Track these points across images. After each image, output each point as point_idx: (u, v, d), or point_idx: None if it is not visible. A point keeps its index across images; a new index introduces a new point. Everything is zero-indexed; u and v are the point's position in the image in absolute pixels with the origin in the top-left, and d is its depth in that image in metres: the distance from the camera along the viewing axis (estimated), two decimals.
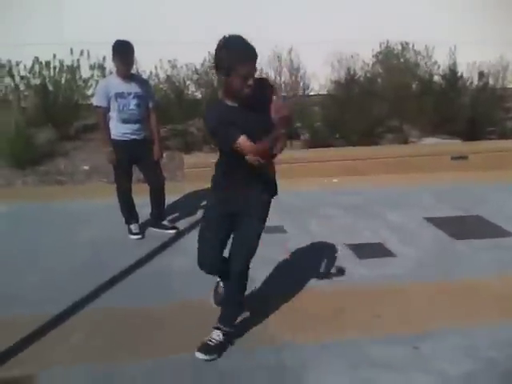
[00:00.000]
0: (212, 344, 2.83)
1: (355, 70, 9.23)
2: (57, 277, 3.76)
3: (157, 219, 4.65)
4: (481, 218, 5.10)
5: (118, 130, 4.28)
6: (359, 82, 8.87)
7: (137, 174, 4.74)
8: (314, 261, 4.05)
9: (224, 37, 2.42)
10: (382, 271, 3.91)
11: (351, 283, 3.71)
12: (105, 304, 3.37)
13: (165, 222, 4.67)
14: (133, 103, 4.26)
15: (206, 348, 2.81)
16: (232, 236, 2.85)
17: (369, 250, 4.29)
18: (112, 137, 4.31)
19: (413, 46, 10.08)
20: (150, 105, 4.43)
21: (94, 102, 4.35)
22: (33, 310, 3.25)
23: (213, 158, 2.92)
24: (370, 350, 2.89)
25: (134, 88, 4.28)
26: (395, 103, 8.29)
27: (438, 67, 9.61)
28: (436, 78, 9.27)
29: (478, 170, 6.61)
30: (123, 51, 4.18)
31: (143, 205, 4.63)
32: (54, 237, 4.51)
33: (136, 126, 4.31)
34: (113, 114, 4.28)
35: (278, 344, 2.95)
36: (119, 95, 4.22)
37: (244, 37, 2.46)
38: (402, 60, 10.14)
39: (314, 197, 5.63)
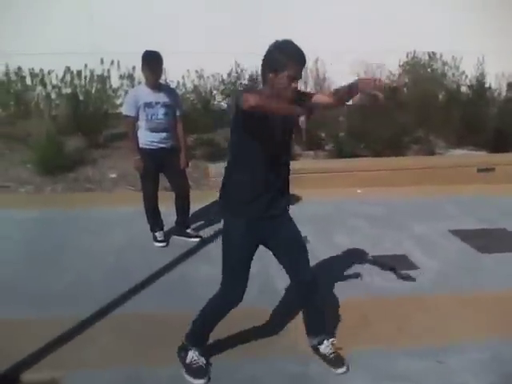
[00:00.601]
0: (337, 353, 2.85)
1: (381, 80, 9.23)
2: (84, 281, 3.86)
3: (181, 227, 4.73)
4: (506, 232, 5.04)
5: (146, 138, 4.38)
6: (385, 92, 8.87)
7: (163, 182, 4.82)
8: (336, 271, 4.06)
9: (277, 40, 2.51)
10: (405, 283, 3.90)
11: (375, 294, 3.71)
12: (131, 309, 3.45)
13: (189, 230, 4.75)
14: (161, 112, 4.36)
15: (338, 361, 2.83)
16: (278, 246, 2.75)
17: (392, 262, 4.27)
18: (140, 145, 4.41)
19: (440, 56, 10.03)
20: (178, 114, 4.52)
21: (124, 111, 4.46)
22: (60, 313, 3.34)
23: None
24: (392, 362, 2.89)
25: (162, 98, 4.38)
26: (421, 113, 8.27)
27: (466, 77, 9.54)
28: (463, 88, 9.22)
29: (504, 183, 6.54)
30: (152, 61, 4.29)
31: (168, 213, 4.71)
32: (81, 242, 4.62)
33: (163, 135, 4.40)
34: (141, 123, 4.38)
35: (301, 353, 2.96)
36: (148, 105, 4.32)
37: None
38: (429, 70, 10.10)
39: (337, 207, 5.64)
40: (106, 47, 8.42)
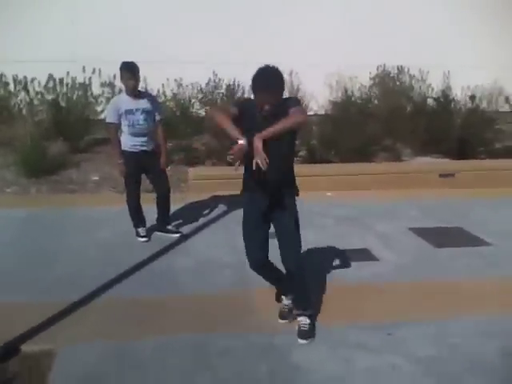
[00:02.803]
0: (306, 328, 3.28)
1: (353, 91, 9.75)
2: (72, 272, 4.18)
3: (162, 224, 5.07)
4: (461, 230, 5.51)
5: (129, 142, 4.72)
6: (356, 103, 9.38)
7: (145, 185, 5.16)
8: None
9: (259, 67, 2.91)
10: (365, 272, 4.32)
11: (337, 281, 4.11)
12: (117, 294, 3.81)
13: (169, 227, 5.09)
14: (141, 118, 4.69)
15: (303, 334, 3.26)
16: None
17: (355, 255, 4.69)
18: (123, 148, 4.75)
19: (408, 70, 10.60)
20: (157, 118, 4.86)
21: (107, 118, 4.79)
22: (51, 299, 3.67)
23: (214, 171, 3.30)
24: (348, 335, 3.31)
25: (142, 104, 4.72)
26: (389, 123, 8.78)
27: (432, 90, 10.11)
28: (429, 100, 9.78)
29: (464, 187, 7.02)
30: (129, 71, 4.61)
31: (150, 212, 5.05)
32: (68, 238, 4.93)
33: (144, 139, 4.75)
34: (124, 129, 4.72)
35: (270, 329, 3.36)
36: (129, 112, 4.65)
37: (269, 67, 2.91)
38: (397, 83, 10.65)
39: (307, 208, 5.99)
40: (87, 56, 8.74)
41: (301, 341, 3.24)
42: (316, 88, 9.37)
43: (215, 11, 9.72)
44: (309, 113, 9.37)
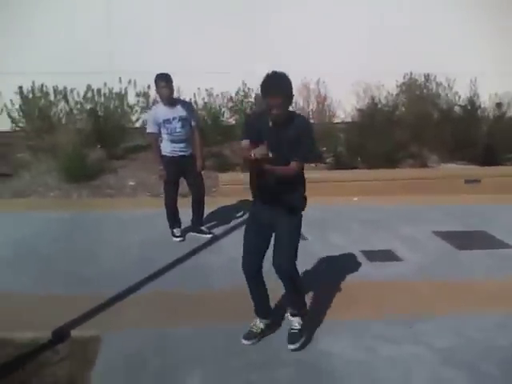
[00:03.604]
0: (296, 331, 3.35)
1: (380, 99, 9.93)
2: (113, 268, 4.51)
3: (196, 225, 5.37)
4: (485, 233, 5.64)
5: (168, 148, 5.06)
6: (382, 111, 9.55)
7: (181, 189, 5.46)
8: (329, 262, 4.70)
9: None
10: (389, 271, 4.52)
11: (362, 280, 4.34)
12: (155, 287, 4.14)
13: (203, 228, 5.39)
14: (178, 126, 5.01)
15: (293, 337, 3.31)
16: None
17: (379, 256, 4.90)
18: (163, 153, 5.09)
19: (435, 77, 10.73)
20: (193, 124, 5.17)
21: (147, 129, 5.15)
22: (94, 291, 4.00)
23: (243, 176, 3.53)
24: (372, 328, 3.54)
25: (178, 112, 5.03)
26: (416, 130, 8.92)
27: (459, 98, 10.22)
28: (456, 107, 9.88)
29: (489, 193, 7.12)
30: (162, 80, 4.93)
31: (185, 215, 5.34)
32: (109, 238, 5.28)
33: (182, 145, 5.07)
34: (163, 136, 5.07)
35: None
36: (166, 121, 4.98)
37: (277, 73, 3.07)
38: (424, 90, 10.79)
39: (334, 212, 6.27)
40: (123, 67, 9.19)
41: (291, 346, 3.28)
42: (343, 96, 9.60)
43: (242, 25, 10.05)
44: (336, 120, 9.64)
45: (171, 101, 5.04)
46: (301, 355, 3.22)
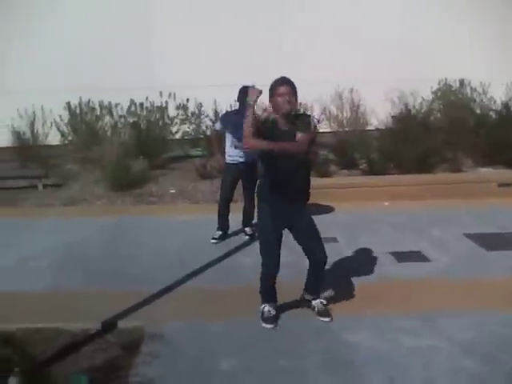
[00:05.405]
0: (323, 308, 3.83)
1: (415, 105, 10.05)
2: (157, 267, 4.88)
3: (244, 226, 5.70)
4: None
5: (230, 153, 5.42)
6: (416, 117, 9.66)
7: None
8: (359, 262, 4.92)
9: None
10: (416, 271, 4.70)
11: (389, 279, 4.54)
12: (191, 285, 4.48)
13: (247, 229, 5.70)
14: (241, 133, 5.33)
15: (324, 312, 3.81)
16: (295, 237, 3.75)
17: (408, 256, 5.07)
18: (226, 159, 5.49)
19: (469, 82, 10.77)
20: None
21: (216, 127, 5.76)
22: (137, 289, 4.34)
23: None
24: (395, 322, 3.73)
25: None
26: (451, 136, 8.99)
27: (494, 103, 10.23)
28: (491, 112, 9.90)
29: None
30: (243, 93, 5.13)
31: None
32: (151, 241, 5.65)
33: (242, 152, 5.33)
34: (227, 141, 5.44)
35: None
36: (233, 126, 5.21)
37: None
38: (459, 96, 10.84)
39: (365, 216, 6.46)
40: (164, 81, 9.68)
41: (324, 319, 3.76)
42: (376, 104, 9.78)
43: (273, 38, 10.38)
44: (369, 128, 9.82)
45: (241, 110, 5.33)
46: (327, 344, 3.47)
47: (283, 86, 3.44)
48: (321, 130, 9.73)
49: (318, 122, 3.49)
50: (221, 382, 3.12)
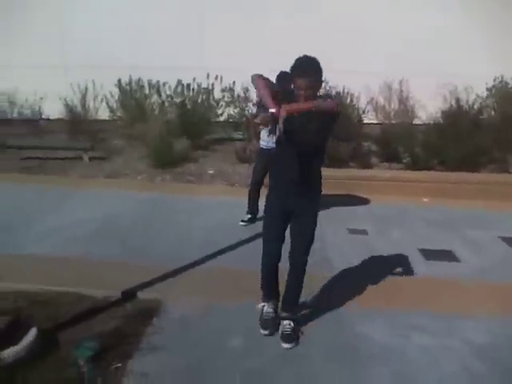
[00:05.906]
0: (289, 332, 3.40)
1: (468, 101, 9.70)
2: (184, 245, 5.00)
3: None
4: None
5: (263, 138, 5.45)
6: (467, 113, 9.33)
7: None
8: (387, 258, 4.86)
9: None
10: (443, 270, 4.60)
11: (416, 276, 4.48)
12: (213, 264, 4.57)
13: None
14: None
15: (286, 338, 3.38)
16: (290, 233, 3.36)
17: (437, 255, 4.97)
18: (260, 144, 5.52)
19: None
20: None
21: (253, 111, 6.00)
22: (162, 263, 4.46)
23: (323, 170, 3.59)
24: (409, 319, 3.70)
25: None
26: (502, 135, 8.64)
27: None
28: None
29: None
30: (282, 79, 5.01)
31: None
32: (184, 219, 5.77)
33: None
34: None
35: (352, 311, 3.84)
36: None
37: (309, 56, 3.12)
38: None
39: (400, 211, 6.35)
40: (211, 63, 9.76)
41: (285, 345, 3.34)
42: (427, 98, 9.52)
43: (321, 27, 10.24)
44: (416, 122, 9.58)
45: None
46: (336, 334, 3.48)
47: (301, 79, 3.02)
48: (366, 121, 9.62)
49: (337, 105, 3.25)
50: (224, 359, 3.20)
